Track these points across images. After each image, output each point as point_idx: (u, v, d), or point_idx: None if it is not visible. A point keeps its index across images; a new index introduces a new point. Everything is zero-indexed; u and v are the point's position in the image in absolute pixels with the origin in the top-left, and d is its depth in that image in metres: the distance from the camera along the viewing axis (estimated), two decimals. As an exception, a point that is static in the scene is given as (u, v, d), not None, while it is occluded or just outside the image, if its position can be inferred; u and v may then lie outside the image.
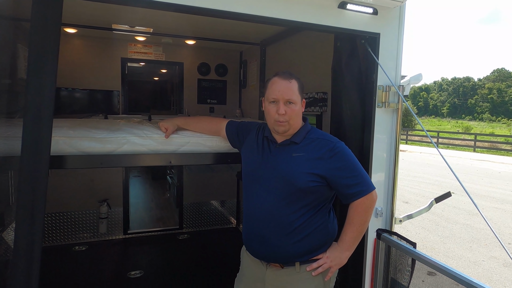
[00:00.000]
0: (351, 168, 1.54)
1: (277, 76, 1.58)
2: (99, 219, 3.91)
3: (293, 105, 1.54)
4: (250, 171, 1.68)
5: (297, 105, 1.56)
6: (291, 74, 1.58)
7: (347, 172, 1.53)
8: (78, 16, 3.04)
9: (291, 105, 1.54)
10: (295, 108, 1.55)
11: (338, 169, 1.52)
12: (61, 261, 3.43)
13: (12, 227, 2.27)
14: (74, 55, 3.82)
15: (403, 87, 1.98)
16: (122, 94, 4.10)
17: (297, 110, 1.56)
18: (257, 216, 1.60)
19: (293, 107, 1.54)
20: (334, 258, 1.58)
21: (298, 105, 1.57)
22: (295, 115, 1.56)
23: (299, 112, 1.58)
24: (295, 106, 1.55)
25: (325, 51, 2.64)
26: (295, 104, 1.55)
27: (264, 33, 3.56)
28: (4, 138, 1.55)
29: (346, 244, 1.59)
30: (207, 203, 4.48)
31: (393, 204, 2.05)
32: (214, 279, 3.14)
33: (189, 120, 2.02)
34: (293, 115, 1.55)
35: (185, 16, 2.94)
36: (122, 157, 1.84)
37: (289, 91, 1.54)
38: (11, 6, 1.77)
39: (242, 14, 1.67)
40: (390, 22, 1.95)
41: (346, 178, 1.52)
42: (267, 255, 1.60)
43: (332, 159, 1.52)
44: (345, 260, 1.61)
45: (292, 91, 1.54)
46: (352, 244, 1.60)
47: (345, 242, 1.59)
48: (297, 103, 1.56)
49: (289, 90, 1.54)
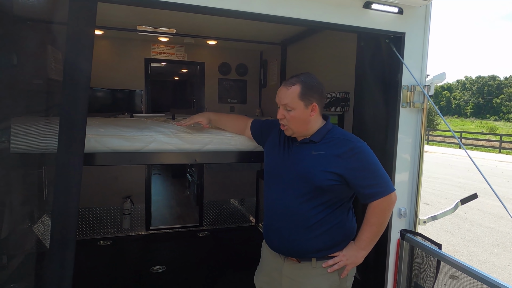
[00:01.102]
0: (370, 168, 1.54)
1: (283, 82, 1.64)
2: (123, 215, 4.03)
3: (292, 111, 1.58)
4: (271, 168, 1.73)
5: (296, 111, 1.57)
6: (298, 79, 1.59)
7: (366, 172, 1.53)
8: (105, 18, 3.15)
9: (289, 111, 1.58)
10: (293, 114, 1.58)
11: (357, 169, 1.52)
12: (87, 255, 3.56)
13: (41, 221, 2.38)
14: (100, 56, 3.95)
15: (429, 86, 1.96)
16: (145, 93, 4.20)
17: (296, 116, 1.58)
18: (276, 211, 1.65)
19: (291, 113, 1.58)
20: (350, 257, 1.59)
21: (298, 111, 1.57)
22: (294, 120, 1.59)
23: (300, 118, 1.59)
24: (294, 112, 1.58)
25: (347, 51, 2.63)
26: (293, 110, 1.58)
27: (285, 33, 3.57)
28: (41, 136, 1.63)
29: (363, 243, 1.60)
30: (226, 201, 4.54)
31: (417, 205, 2.03)
32: (234, 276, 3.19)
33: (221, 116, 2.08)
34: (291, 120, 1.59)
35: (207, 17, 2.99)
36: (149, 155, 1.90)
37: (284, 97, 1.58)
38: (46, 11, 1.86)
39: (264, 15, 1.69)
40: (415, 21, 1.93)
41: (364, 178, 1.53)
42: (284, 249, 1.64)
43: (352, 158, 1.53)
44: (361, 259, 1.61)
45: (288, 98, 1.57)
46: (368, 244, 1.60)
47: (361, 242, 1.60)
48: (295, 109, 1.57)
49: (285, 97, 1.58)
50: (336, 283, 1.61)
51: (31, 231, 2.63)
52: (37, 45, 2.13)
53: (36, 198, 2.18)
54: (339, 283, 1.61)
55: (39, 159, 1.67)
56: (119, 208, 4.04)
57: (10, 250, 2.51)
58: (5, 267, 2.43)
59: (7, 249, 2.43)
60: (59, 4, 1.65)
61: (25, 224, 2.51)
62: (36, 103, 1.88)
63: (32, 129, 1.63)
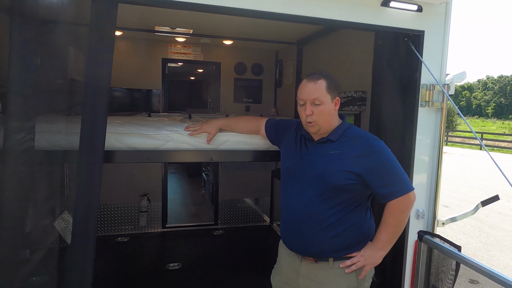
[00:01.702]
0: (388, 167, 1.52)
1: (306, 78, 1.62)
2: (140, 213, 4.10)
3: (321, 105, 1.56)
4: (287, 168, 1.73)
5: (325, 105, 1.56)
6: (320, 74, 1.59)
7: (383, 171, 1.51)
8: (124, 19, 3.21)
9: (318, 106, 1.56)
10: (323, 108, 1.56)
11: (375, 168, 1.51)
12: (105, 251, 3.64)
13: (62, 217, 2.45)
14: (119, 56, 4.03)
15: (449, 85, 1.92)
16: (162, 93, 4.26)
17: (325, 110, 1.57)
18: (293, 211, 1.65)
19: (320, 108, 1.56)
20: (368, 257, 1.57)
21: (326, 104, 1.56)
22: (323, 115, 1.57)
23: (328, 112, 1.58)
24: (322, 106, 1.56)
25: (363, 50, 2.61)
26: (322, 104, 1.56)
27: (300, 32, 3.57)
28: (63, 133, 1.68)
29: (380, 243, 1.58)
30: (241, 201, 4.56)
31: (435, 206, 1.99)
32: (248, 275, 3.20)
33: (230, 121, 2.07)
34: (320, 115, 1.56)
35: (224, 17, 3.01)
36: (166, 153, 1.93)
37: (314, 92, 1.55)
38: (69, 13, 1.92)
39: (281, 14, 1.69)
40: (435, 19, 1.90)
41: (382, 177, 1.51)
42: (302, 248, 1.64)
43: (369, 157, 1.51)
44: (379, 259, 1.60)
45: (318, 91, 1.55)
46: (386, 244, 1.58)
47: (379, 242, 1.58)
48: (324, 103, 1.56)
49: (314, 91, 1.55)
50: (354, 283, 1.59)
51: (53, 226, 2.71)
52: (59, 46, 2.19)
53: (59, 194, 2.25)
54: (357, 284, 1.60)
55: (61, 156, 1.72)
56: (136, 205, 4.12)
57: (33, 244, 2.60)
58: (28, 261, 2.52)
59: (30, 243, 2.52)
60: (81, 6, 1.70)
61: (47, 220, 2.59)
62: (59, 102, 1.94)
63: (55, 127, 1.69)
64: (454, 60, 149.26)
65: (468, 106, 65.05)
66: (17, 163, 1.47)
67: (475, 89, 67.82)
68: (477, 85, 69.16)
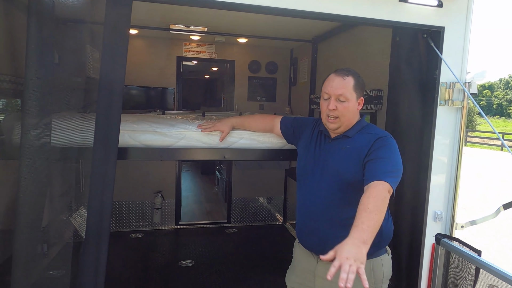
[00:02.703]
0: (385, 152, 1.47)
1: (334, 72, 1.58)
2: (154, 209, 4.15)
3: (346, 102, 1.52)
4: (303, 165, 1.70)
5: (350, 102, 1.53)
6: (349, 70, 1.56)
7: (379, 153, 1.47)
8: (139, 17, 3.24)
9: (343, 102, 1.52)
10: (347, 105, 1.52)
11: (374, 150, 1.48)
12: (119, 247, 3.70)
13: (79, 212, 2.49)
14: (134, 55, 4.08)
15: (469, 84, 1.85)
16: (177, 91, 4.29)
17: (350, 107, 1.53)
18: (309, 209, 1.62)
19: (345, 104, 1.52)
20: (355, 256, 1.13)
21: (352, 102, 1.53)
22: (347, 112, 1.53)
23: (352, 110, 1.55)
24: (347, 103, 1.52)
25: (380, 47, 2.55)
26: (348, 101, 1.52)
27: (316, 29, 3.52)
28: (79, 130, 1.70)
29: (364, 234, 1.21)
30: (254, 199, 4.55)
31: (454, 209, 1.93)
32: (261, 273, 3.19)
33: (243, 120, 2.05)
34: (344, 112, 1.53)
35: (238, 15, 3.01)
36: (180, 150, 1.94)
37: (341, 87, 1.51)
38: (85, 12, 1.94)
39: (296, 10, 1.66)
40: (456, 15, 1.83)
41: (375, 158, 1.46)
42: (318, 247, 1.59)
43: (373, 146, 1.49)
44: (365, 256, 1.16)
45: (345, 88, 1.51)
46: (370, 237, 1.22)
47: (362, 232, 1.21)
48: (349, 100, 1.52)
49: (341, 87, 1.51)
50: (371, 285, 1.55)
51: (69, 221, 2.77)
52: (76, 44, 2.23)
53: (74, 190, 2.29)
54: (374, 286, 1.56)
55: (77, 153, 1.74)
56: (151, 202, 4.17)
57: (50, 238, 2.66)
58: (45, 255, 2.58)
59: (47, 237, 2.58)
60: (97, 4, 1.72)
61: (64, 215, 2.64)
62: (76, 99, 1.97)
63: (71, 124, 1.71)
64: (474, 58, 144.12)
65: (489, 105, 63.14)
66: (33, 159, 1.50)
67: (496, 88, 65.73)
68: (498, 84, 67.02)
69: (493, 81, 66.94)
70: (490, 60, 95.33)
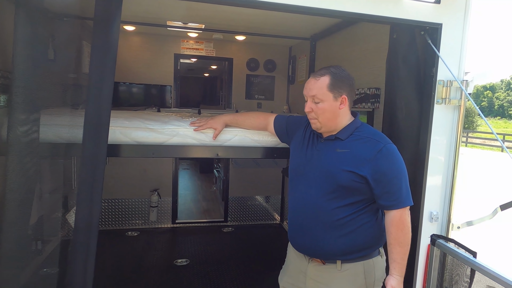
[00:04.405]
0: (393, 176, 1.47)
1: (312, 73, 1.58)
2: (150, 208, 4.13)
3: (320, 103, 1.51)
4: (295, 165, 1.68)
5: (326, 103, 1.51)
6: (327, 70, 1.53)
7: (387, 178, 1.46)
8: (135, 14, 3.21)
9: (318, 104, 1.52)
10: (322, 106, 1.51)
11: (380, 174, 1.45)
12: (115, 245, 3.68)
13: (74, 210, 2.47)
14: (132, 52, 4.05)
15: (467, 82, 1.82)
16: (174, 89, 4.26)
17: (326, 108, 1.51)
18: (300, 209, 1.60)
19: (320, 105, 1.51)
20: None
21: (327, 102, 1.51)
22: (324, 112, 1.52)
23: (330, 110, 1.52)
24: (322, 104, 1.51)
25: (378, 45, 2.52)
26: (322, 102, 1.51)
27: (314, 27, 3.49)
28: (69, 126, 1.68)
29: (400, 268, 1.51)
30: (252, 198, 4.53)
31: (450, 210, 1.90)
32: (256, 273, 3.17)
33: (237, 117, 2.03)
34: (320, 112, 1.52)
35: (236, 11, 2.97)
36: (172, 148, 1.91)
37: (313, 88, 1.52)
38: (77, 6, 1.91)
39: (294, 6, 1.63)
40: (454, 11, 1.79)
41: (384, 185, 1.46)
42: (309, 249, 1.59)
43: (377, 161, 1.45)
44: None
45: (317, 89, 1.51)
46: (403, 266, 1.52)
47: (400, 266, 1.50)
48: (324, 101, 1.51)
49: (314, 88, 1.52)
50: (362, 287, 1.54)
51: (64, 219, 2.74)
52: (71, 40, 2.20)
53: (66, 187, 2.26)
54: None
55: (67, 149, 1.72)
56: (147, 200, 4.14)
57: (44, 236, 2.63)
58: (38, 252, 2.55)
59: (41, 235, 2.55)
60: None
61: (57, 212, 2.62)
62: (70, 96, 1.95)
63: (61, 120, 1.69)
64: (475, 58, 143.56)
65: (490, 106, 62.98)
66: (21, 155, 1.47)
67: (497, 89, 65.58)
68: (500, 85, 66.85)
69: (494, 82, 66.75)
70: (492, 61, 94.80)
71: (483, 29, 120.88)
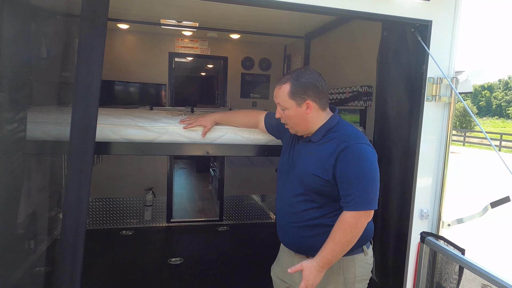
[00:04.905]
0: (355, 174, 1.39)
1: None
2: (145, 207, 4.11)
3: (286, 110, 1.52)
4: (280, 164, 1.72)
5: (290, 110, 1.50)
6: (288, 77, 1.50)
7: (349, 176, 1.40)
8: (129, 11, 3.20)
9: (284, 111, 1.53)
10: (287, 113, 1.52)
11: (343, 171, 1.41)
12: (109, 244, 3.66)
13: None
14: (126, 50, 4.03)
15: (457, 79, 1.82)
16: (169, 87, 4.25)
17: (291, 115, 1.51)
18: (280, 208, 1.66)
19: (286, 112, 1.52)
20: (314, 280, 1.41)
21: (292, 110, 1.50)
22: (292, 119, 1.53)
23: (297, 116, 1.50)
24: (288, 111, 1.51)
25: (371, 43, 2.51)
26: (287, 109, 1.51)
27: (308, 25, 3.48)
28: (57, 124, 1.66)
29: (325, 263, 1.41)
30: (247, 197, 4.52)
31: (440, 207, 1.90)
32: (251, 271, 3.16)
33: (227, 115, 2.02)
34: (288, 119, 1.54)
35: (230, 9, 2.96)
36: (161, 145, 1.90)
37: (277, 97, 1.54)
38: (63, 3, 1.90)
39: (287, 2, 1.63)
40: (444, 8, 1.79)
41: (344, 182, 1.41)
42: (291, 245, 1.63)
43: (339, 161, 1.41)
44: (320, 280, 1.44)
45: (279, 97, 1.52)
46: (329, 264, 1.42)
47: (325, 261, 1.41)
48: (288, 108, 1.51)
49: (277, 96, 1.53)
50: (340, 284, 1.55)
51: (58, 218, 2.72)
52: (61, 38, 2.18)
53: (56, 185, 2.25)
54: (345, 285, 1.55)
55: (54, 147, 1.71)
56: (142, 199, 4.13)
57: (36, 235, 2.62)
58: (32, 251, 2.53)
59: (33, 233, 2.54)
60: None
61: (50, 211, 2.60)
62: (61, 94, 1.94)
63: (48, 118, 1.68)
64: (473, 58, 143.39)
65: (488, 106, 63.12)
66: (8, 153, 1.47)
67: (495, 89, 65.72)
68: (497, 84, 67.00)
69: (492, 81, 66.90)
70: (489, 60, 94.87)
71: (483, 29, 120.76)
